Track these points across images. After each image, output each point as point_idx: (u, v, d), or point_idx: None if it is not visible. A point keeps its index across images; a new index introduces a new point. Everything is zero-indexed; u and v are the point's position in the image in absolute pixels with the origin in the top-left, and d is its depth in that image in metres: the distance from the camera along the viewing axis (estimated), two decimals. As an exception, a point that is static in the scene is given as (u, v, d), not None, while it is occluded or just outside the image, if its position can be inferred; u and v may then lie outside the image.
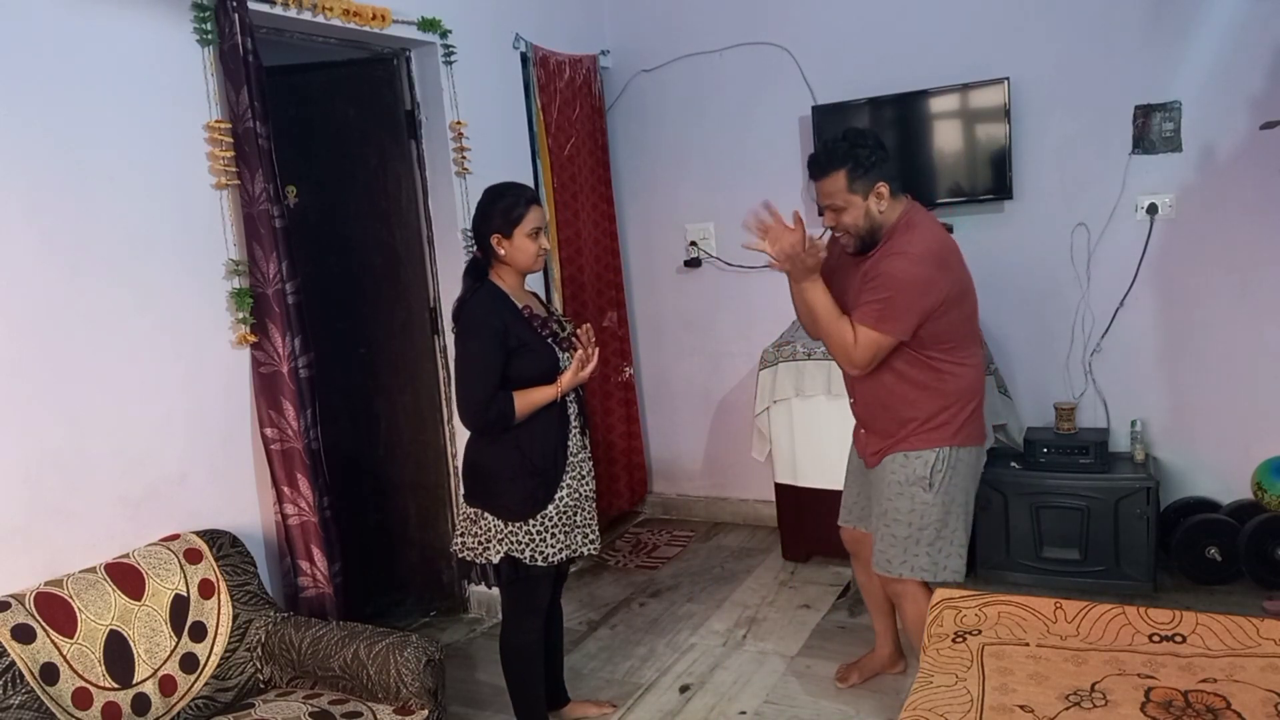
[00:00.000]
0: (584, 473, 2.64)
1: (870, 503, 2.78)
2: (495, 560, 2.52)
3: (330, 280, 3.58)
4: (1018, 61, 3.69)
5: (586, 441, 2.67)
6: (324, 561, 2.82)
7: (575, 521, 2.60)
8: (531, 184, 3.94)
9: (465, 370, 2.50)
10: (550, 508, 2.53)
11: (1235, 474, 3.54)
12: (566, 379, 2.51)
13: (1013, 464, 3.59)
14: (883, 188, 2.43)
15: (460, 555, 2.62)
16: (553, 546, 2.54)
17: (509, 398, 2.46)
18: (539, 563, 2.52)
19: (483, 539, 2.54)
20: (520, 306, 2.55)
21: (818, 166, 2.46)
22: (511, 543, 2.51)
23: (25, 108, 2.28)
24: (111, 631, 2.23)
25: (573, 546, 2.60)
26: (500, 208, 2.50)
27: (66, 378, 2.36)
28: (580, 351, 2.53)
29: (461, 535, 2.62)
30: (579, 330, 2.59)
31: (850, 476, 2.89)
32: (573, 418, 2.60)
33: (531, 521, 2.51)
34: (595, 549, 2.68)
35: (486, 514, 2.54)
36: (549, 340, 2.55)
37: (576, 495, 2.60)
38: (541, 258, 2.56)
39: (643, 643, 3.44)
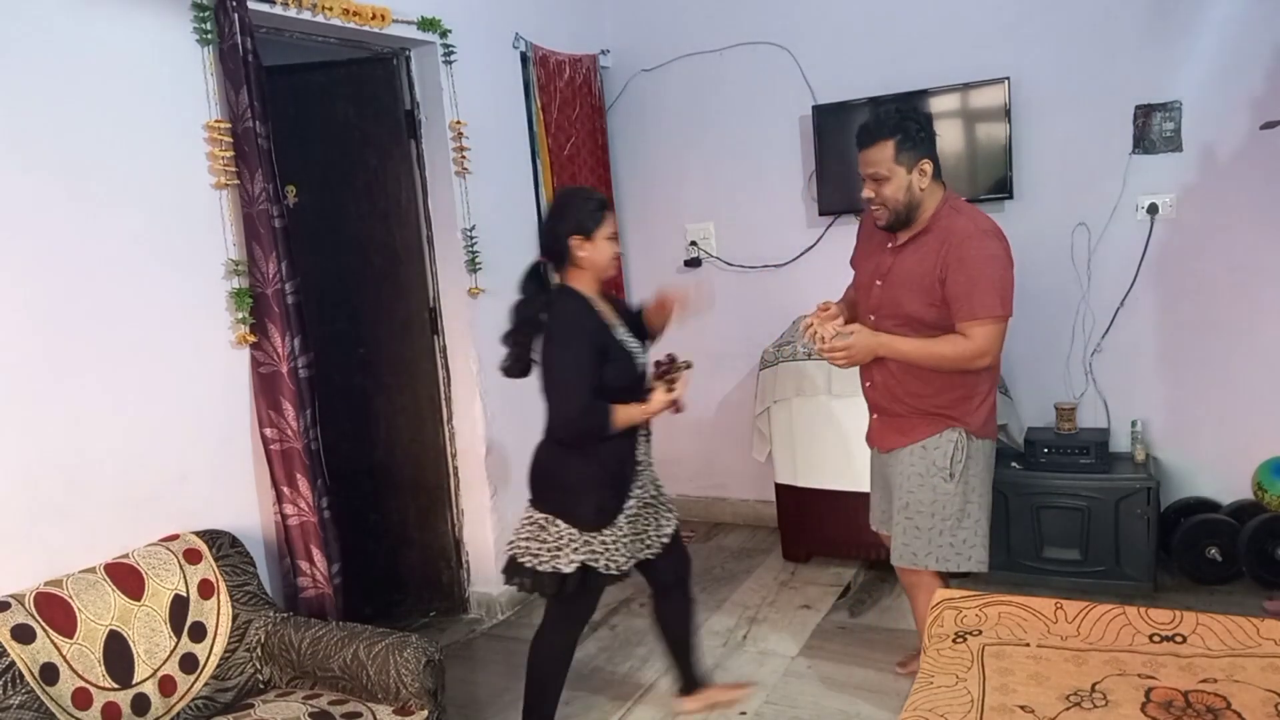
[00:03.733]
0: (646, 480, 2.63)
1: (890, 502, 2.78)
2: (568, 569, 2.46)
3: (330, 280, 3.58)
4: (1018, 61, 3.69)
5: (649, 449, 2.65)
6: (323, 562, 2.82)
7: (635, 529, 2.59)
8: (531, 184, 3.95)
9: (559, 379, 2.41)
10: (621, 517, 2.52)
11: (1235, 474, 3.54)
12: (657, 401, 2.46)
13: (1013, 464, 3.59)
14: (926, 165, 2.45)
15: (520, 560, 2.52)
16: (624, 555, 2.53)
17: (607, 409, 2.40)
18: (613, 571, 2.51)
19: (552, 546, 2.48)
20: (600, 313, 2.51)
21: (867, 134, 2.47)
22: (586, 552, 2.47)
23: (25, 107, 2.28)
24: (111, 632, 2.23)
25: (635, 554, 2.59)
26: (584, 209, 2.46)
27: (66, 378, 2.36)
28: (675, 387, 2.49)
29: (526, 540, 2.53)
30: (676, 368, 2.56)
31: (874, 479, 2.88)
32: (641, 426, 2.57)
33: (606, 531, 2.49)
34: (651, 554, 2.65)
35: (559, 521, 2.48)
36: (625, 348, 2.51)
37: (641, 502, 2.60)
38: (616, 260, 2.54)
39: (643, 643, 3.44)
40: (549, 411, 2.46)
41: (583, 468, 2.47)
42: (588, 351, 2.40)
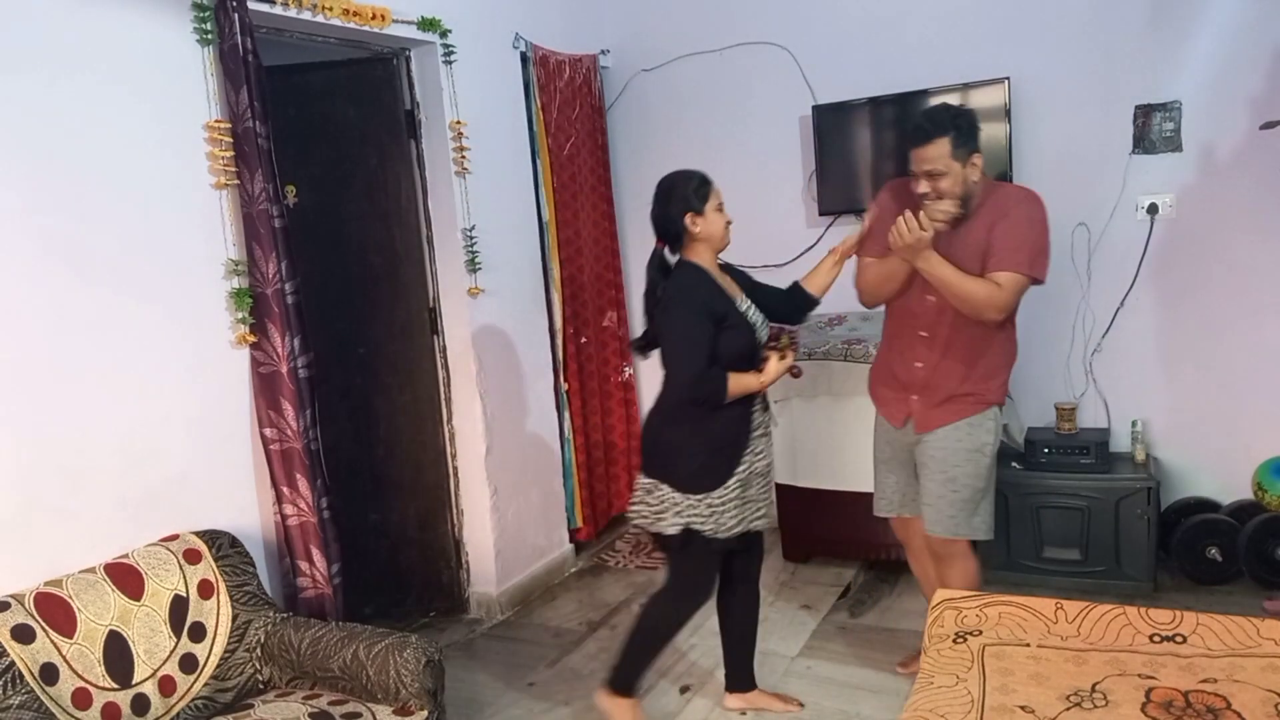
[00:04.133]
0: (759, 448, 2.65)
1: (913, 483, 2.81)
2: (671, 531, 2.56)
3: (330, 280, 3.57)
4: (1018, 61, 3.68)
5: (767, 419, 2.70)
6: (323, 562, 2.82)
7: (746, 495, 2.62)
8: (531, 184, 3.95)
9: (676, 345, 2.51)
10: (732, 480, 2.56)
11: (1235, 474, 3.53)
12: (772, 369, 2.53)
13: (1013, 464, 3.59)
14: (978, 158, 2.55)
15: (634, 521, 2.66)
16: (734, 517, 2.58)
17: (723, 376, 2.48)
18: (719, 535, 2.56)
19: (658, 509, 2.58)
20: (718, 283, 2.59)
21: (922, 133, 2.54)
22: (691, 515, 2.54)
23: (25, 107, 2.27)
24: (111, 632, 2.23)
25: (745, 519, 2.62)
26: (689, 188, 2.57)
27: (66, 378, 2.36)
28: (786, 355, 2.57)
29: (638, 505, 2.65)
30: (786, 340, 2.64)
31: (883, 466, 2.90)
32: (757, 397, 2.63)
33: (715, 493, 2.55)
34: (764, 525, 2.70)
35: (662, 485, 2.57)
36: (747, 319, 2.59)
37: (750, 469, 2.62)
38: (730, 228, 2.62)
39: (643, 643, 3.43)
40: (666, 379, 2.56)
41: (687, 434, 2.55)
42: (702, 319, 2.49)
